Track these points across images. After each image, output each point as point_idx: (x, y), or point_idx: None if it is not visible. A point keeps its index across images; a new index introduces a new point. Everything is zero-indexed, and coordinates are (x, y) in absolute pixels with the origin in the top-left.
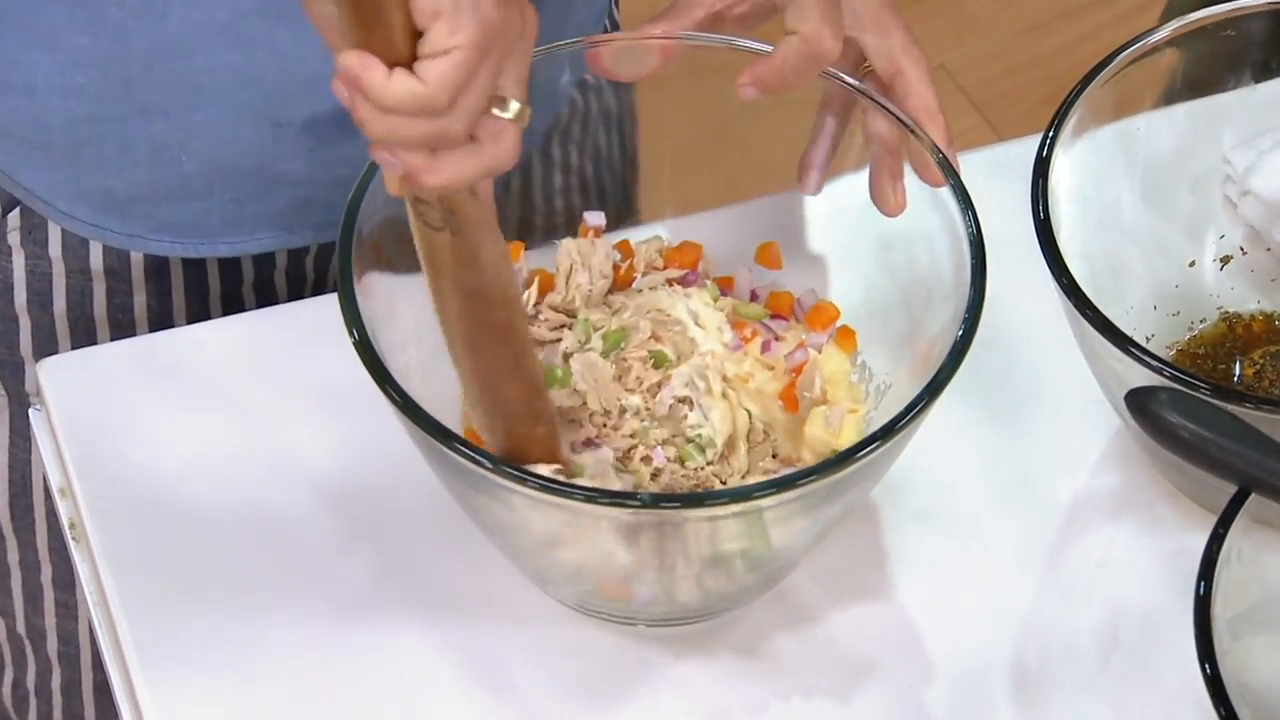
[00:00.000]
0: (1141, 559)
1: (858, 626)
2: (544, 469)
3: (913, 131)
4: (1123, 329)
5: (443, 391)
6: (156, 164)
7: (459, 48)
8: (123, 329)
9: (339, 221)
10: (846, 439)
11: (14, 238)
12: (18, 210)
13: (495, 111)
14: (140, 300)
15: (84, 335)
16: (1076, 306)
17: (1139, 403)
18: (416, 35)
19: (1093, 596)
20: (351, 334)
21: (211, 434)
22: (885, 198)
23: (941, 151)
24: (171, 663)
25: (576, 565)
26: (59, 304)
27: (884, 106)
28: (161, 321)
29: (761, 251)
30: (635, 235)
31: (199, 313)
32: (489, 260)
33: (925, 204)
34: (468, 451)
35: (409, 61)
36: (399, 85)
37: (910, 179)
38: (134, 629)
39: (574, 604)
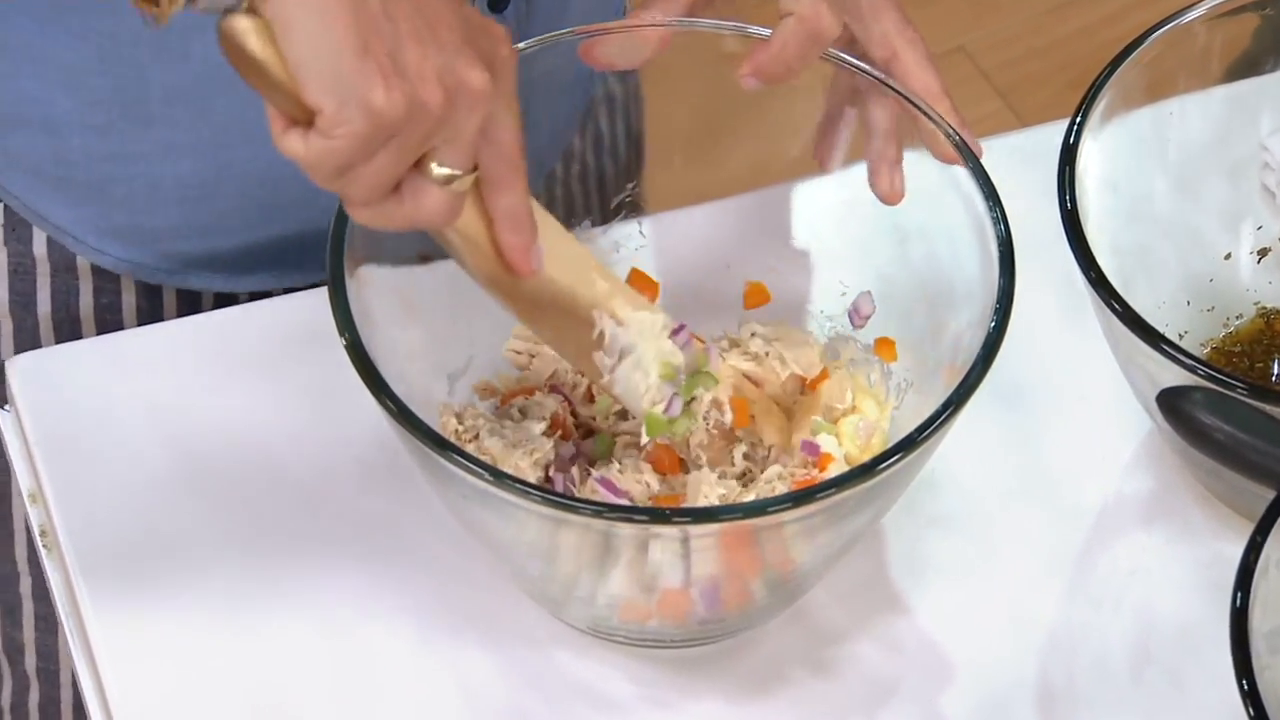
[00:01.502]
0: (1174, 568)
1: (877, 643)
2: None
3: (926, 114)
4: (1154, 325)
5: (439, 394)
6: (187, 202)
7: (339, 138)
8: (110, 330)
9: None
10: (850, 440)
11: None
12: (0, 208)
13: (423, 170)
14: (129, 300)
15: (69, 337)
16: (1105, 302)
17: (1171, 403)
18: None
19: (1123, 608)
20: (343, 336)
21: (191, 437)
22: (884, 185)
23: (958, 133)
24: (148, 678)
25: (581, 583)
26: (43, 305)
27: (893, 89)
28: (152, 323)
29: (750, 294)
30: (636, 226)
31: (191, 313)
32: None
33: (947, 194)
34: (465, 462)
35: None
36: (287, 143)
37: (930, 168)
38: (108, 641)
39: (583, 626)
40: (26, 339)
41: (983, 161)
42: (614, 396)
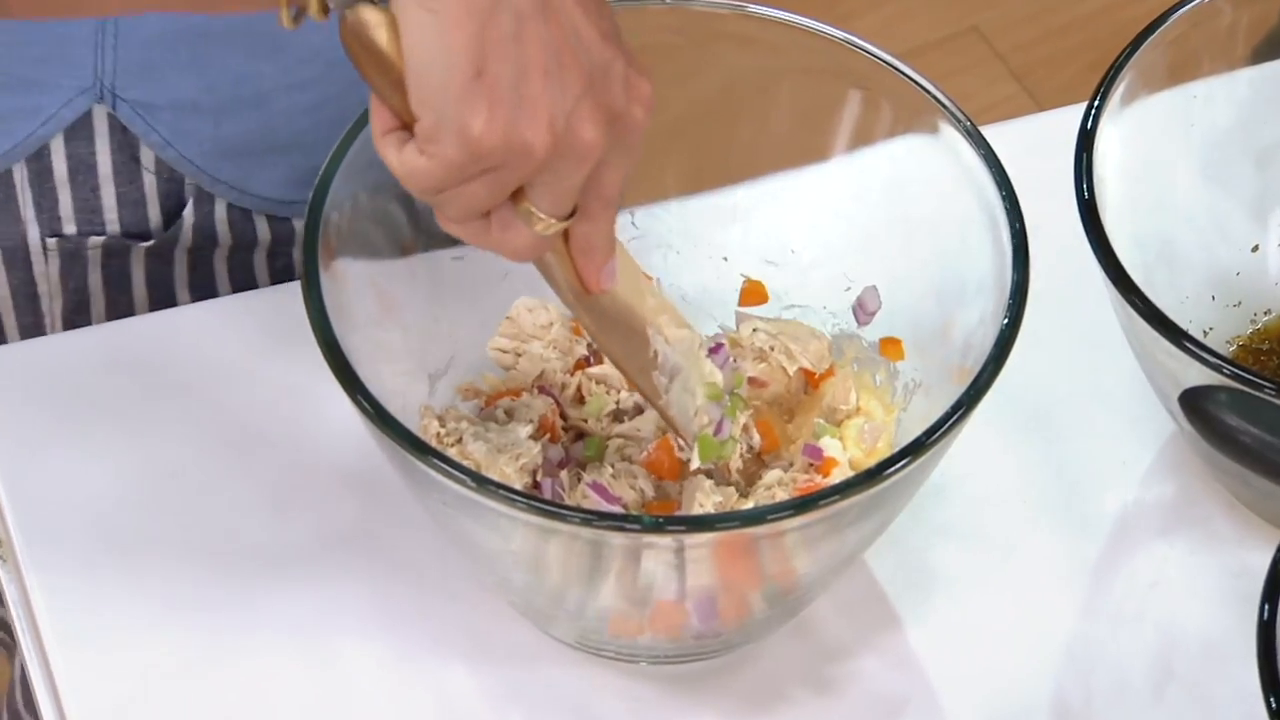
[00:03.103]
0: (1198, 579)
1: (883, 659)
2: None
3: (938, 100)
4: (1177, 322)
5: (419, 396)
6: (312, 129)
7: (431, 157)
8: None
9: None
10: (855, 444)
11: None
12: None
13: (515, 208)
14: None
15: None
16: (1125, 297)
17: (1195, 404)
18: None
19: (1143, 622)
20: (317, 333)
21: (156, 439)
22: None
23: (970, 121)
24: (108, 695)
25: (569, 595)
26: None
27: (907, 77)
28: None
29: (747, 293)
30: (628, 217)
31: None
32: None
33: (958, 183)
34: (446, 467)
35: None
36: (383, 147)
37: (937, 156)
38: (67, 657)
39: (571, 640)
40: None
41: (995, 148)
42: (667, 419)
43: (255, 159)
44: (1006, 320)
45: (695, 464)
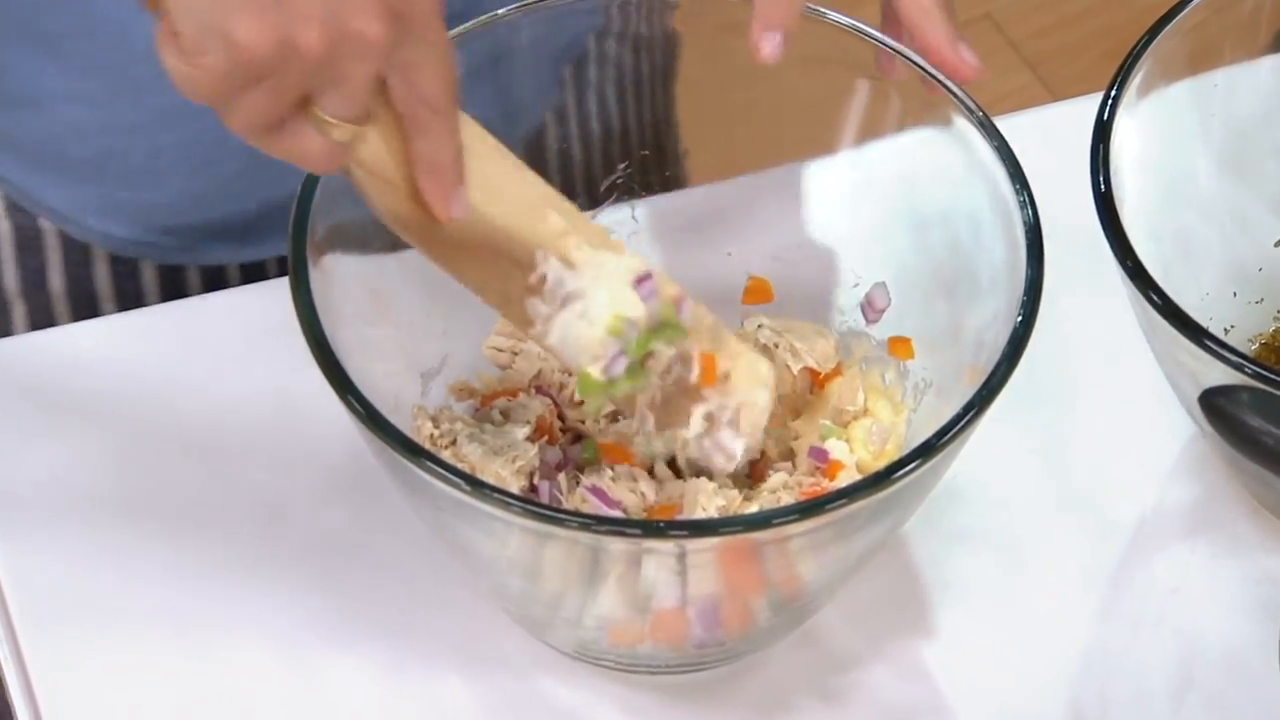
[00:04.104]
0: (1220, 586)
1: (893, 668)
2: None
3: (950, 90)
4: (1197, 319)
5: (411, 396)
6: (192, 170)
7: (199, 68)
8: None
9: None
10: (863, 446)
11: None
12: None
13: (306, 115)
14: (150, 277)
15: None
16: (1143, 293)
17: (1217, 405)
18: None
19: (1163, 630)
20: (306, 332)
21: (136, 442)
22: (953, 64)
23: (983, 112)
24: (89, 709)
25: (567, 603)
26: (55, 283)
27: (902, 55)
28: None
29: (751, 291)
30: (629, 210)
31: (215, 288)
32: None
33: (970, 175)
34: (440, 470)
35: None
36: (163, 54)
37: (951, 148)
38: (45, 667)
39: (569, 650)
40: (42, 319)
41: (1008, 139)
42: (545, 348)
43: (41, 166)
44: (1020, 318)
45: (575, 395)
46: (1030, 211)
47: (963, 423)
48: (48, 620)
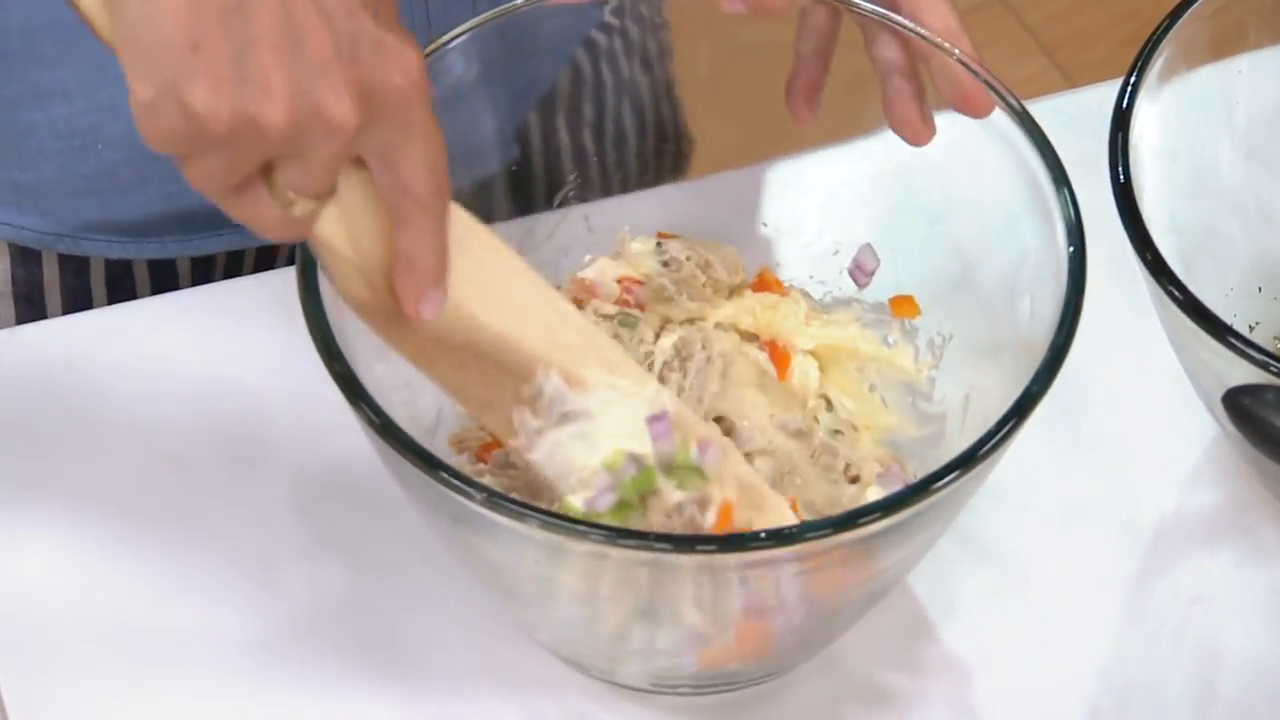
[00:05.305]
0: (1243, 595)
1: (909, 679)
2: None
3: (941, 47)
4: (1220, 315)
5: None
6: (69, 153)
7: (152, 133)
8: (32, 304)
9: None
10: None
11: None
12: None
13: (268, 183)
14: (2, 268)
15: None
16: (1164, 288)
17: (1240, 405)
18: None
19: (1185, 640)
20: (315, 336)
21: (116, 449)
22: (910, 123)
23: (1014, 96)
24: None
25: (591, 622)
26: None
27: (898, 25)
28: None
29: (761, 279)
30: (636, 202)
31: (78, 284)
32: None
33: (995, 153)
34: (456, 482)
35: None
36: (131, 100)
37: (971, 127)
38: (21, 691)
39: (644, 685)
40: None
41: (1036, 119)
42: (527, 462)
43: None
44: (1060, 328)
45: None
46: (1074, 215)
47: (1001, 433)
48: (24, 647)
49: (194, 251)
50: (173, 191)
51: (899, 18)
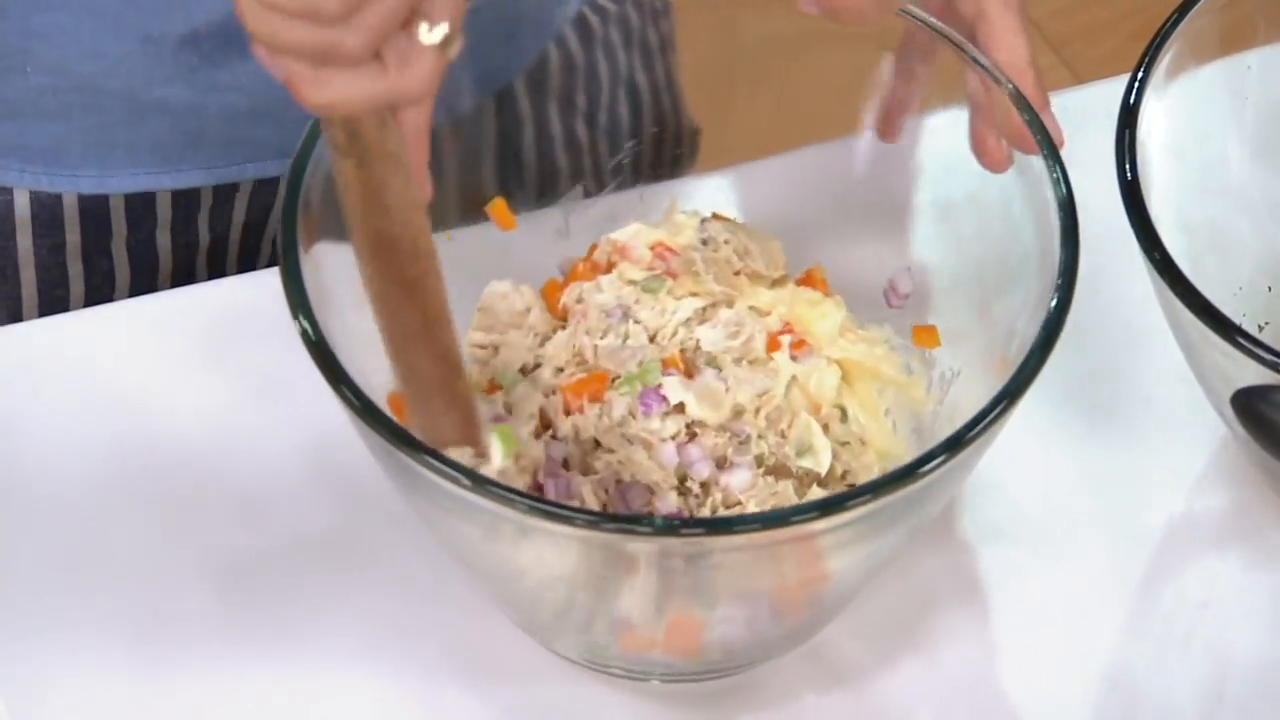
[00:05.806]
0: (1252, 598)
1: (905, 681)
2: (458, 452)
3: (997, 80)
4: (1229, 315)
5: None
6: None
7: None
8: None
9: (238, 162)
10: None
11: None
12: None
13: (412, 33)
14: (25, 243)
15: None
16: (1171, 287)
17: (1250, 406)
18: None
19: (1193, 644)
20: (299, 322)
21: (102, 444)
22: (985, 148)
23: (1034, 113)
24: None
25: (574, 606)
26: None
27: (970, 56)
28: (57, 277)
29: (805, 277)
30: (638, 199)
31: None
32: (396, 204)
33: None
34: (439, 465)
35: None
36: None
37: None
38: (11, 673)
39: (575, 657)
40: None
41: (1061, 139)
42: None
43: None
44: (1055, 301)
45: (496, 462)
46: (1064, 189)
47: (989, 418)
48: (19, 634)
49: (111, 189)
50: (93, 125)
51: (969, 45)
